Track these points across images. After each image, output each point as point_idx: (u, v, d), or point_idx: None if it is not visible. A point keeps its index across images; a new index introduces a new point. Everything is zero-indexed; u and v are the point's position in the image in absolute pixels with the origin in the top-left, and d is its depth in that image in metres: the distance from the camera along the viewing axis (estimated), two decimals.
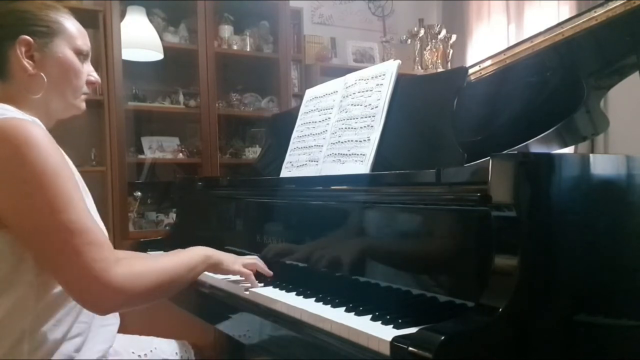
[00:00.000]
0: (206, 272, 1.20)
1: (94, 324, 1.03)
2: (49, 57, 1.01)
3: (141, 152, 2.93)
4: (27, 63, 0.98)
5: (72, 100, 1.06)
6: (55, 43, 1.01)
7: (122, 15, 2.75)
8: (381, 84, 1.28)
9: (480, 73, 1.37)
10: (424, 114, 1.20)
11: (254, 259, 1.21)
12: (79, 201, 0.89)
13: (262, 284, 1.16)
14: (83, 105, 1.10)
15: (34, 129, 0.88)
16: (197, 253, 1.09)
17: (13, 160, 0.85)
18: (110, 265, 0.87)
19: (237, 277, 1.19)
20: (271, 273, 1.20)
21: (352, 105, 1.34)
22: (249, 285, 1.13)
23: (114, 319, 1.11)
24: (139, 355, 1.23)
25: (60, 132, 1.09)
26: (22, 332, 0.91)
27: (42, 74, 0.99)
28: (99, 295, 0.87)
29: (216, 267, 1.13)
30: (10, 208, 0.87)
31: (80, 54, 1.06)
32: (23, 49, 0.98)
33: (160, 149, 2.97)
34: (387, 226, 1.04)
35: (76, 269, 0.85)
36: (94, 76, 1.10)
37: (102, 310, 0.94)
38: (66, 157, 0.97)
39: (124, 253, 1.31)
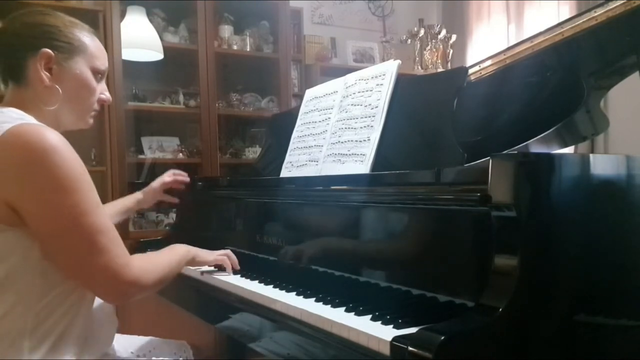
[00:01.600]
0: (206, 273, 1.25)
1: (93, 324, 1.04)
2: (66, 73, 1.03)
3: (141, 152, 2.93)
4: (44, 75, 1.01)
5: (82, 115, 1.10)
6: (75, 60, 1.04)
7: (122, 15, 2.75)
8: (381, 84, 1.28)
9: (480, 73, 1.37)
10: (424, 114, 1.20)
11: (226, 251, 1.32)
12: (99, 203, 0.95)
13: (261, 284, 1.16)
14: (91, 121, 1.13)
15: (54, 135, 0.91)
16: (182, 249, 1.20)
17: (39, 165, 0.88)
18: (128, 260, 0.95)
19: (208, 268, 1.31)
20: (238, 267, 1.30)
21: (352, 105, 1.34)
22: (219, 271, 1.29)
23: (112, 321, 1.11)
24: (138, 356, 1.24)
25: (61, 132, 1.10)
26: (23, 330, 0.92)
27: (57, 86, 1.02)
28: (120, 287, 0.95)
29: (194, 261, 1.23)
30: (37, 211, 0.90)
31: (97, 73, 1.08)
32: (43, 62, 1.00)
33: (160, 149, 2.97)
34: (387, 226, 1.04)
35: (101, 265, 0.92)
36: (106, 95, 1.13)
37: (120, 300, 1.01)
38: None
39: None
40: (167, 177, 1.69)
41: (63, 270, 0.95)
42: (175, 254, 1.16)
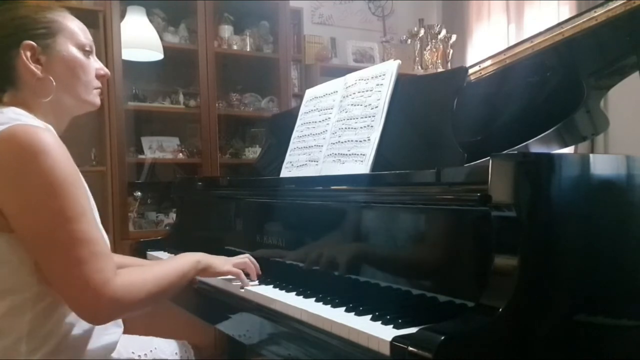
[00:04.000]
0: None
1: (96, 330, 1.03)
2: (54, 58, 1.01)
3: (141, 152, 2.93)
4: (34, 67, 0.99)
5: (84, 96, 1.07)
6: (57, 42, 1.02)
7: (122, 15, 2.75)
8: (381, 84, 1.28)
9: (480, 73, 1.37)
10: (424, 114, 1.20)
11: (244, 258, 1.22)
12: (88, 211, 0.91)
13: (262, 284, 1.16)
14: (97, 100, 1.10)
15: (48, 137, 0.89)
16: (188, 260, 1.11)
17: (27, 167, 0.86)
18: (110, 276, 0.89)
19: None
20: (259, 273, 1.21)
21: (352, 105, 1.34)
22: (240, 283, 1.16)
23: (116, 327, 1.10)
24: (139, 355, 1.24)
25: (70, 119, 1.09)
26: (20, 333, 0.91)
27: (50, 77, 1.00)
28: (96, 306, 0.89)
29: (206, 271, 1.15)
30: (21, 213, 0.88)
31: (83, 49, 1.06)
32: (28, 54, 0.99)
33: (160, 149, 2.97)
34: (387, 226, 1.04)
35: (78, 277, 0.87)
36: (104, 69, 1.11)
37: (97, 320, 0.95)
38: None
39: (120, 258, 1.30)
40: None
41: (45, 276, 0.91)
42: (181, 264, 1.08)
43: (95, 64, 1.09)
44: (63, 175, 0.87)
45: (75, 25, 1.06)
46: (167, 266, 1.07)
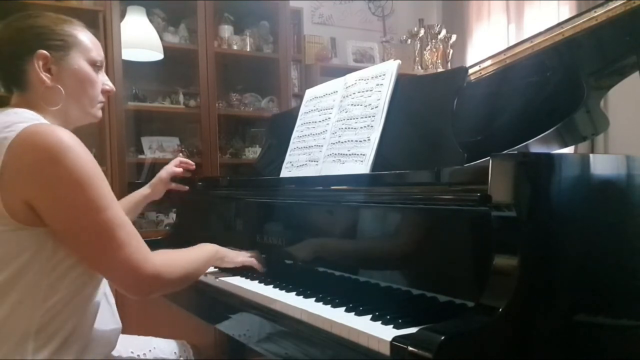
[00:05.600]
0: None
1: (96, 328, 1.04)
2: (65, 70, 1.04)
3: (141, 152, 2.93)
4: (44, 76, 1.02)
5: (89, 109, 1.11)
6: (70, 56, 1.05)
7: (122, 15, 2.75)
8: (381, 84, 1.28)
9: (480, 73, 1.37)
10: (424, 114, 1.20)
11: (254, 252, 1.33)
12: (114, 198, 0.96)
13: (262, 284, 1.16)
14: (99, 113, 1.14)
15: (67, 133, 0.93)
16: (209, 248, 1.22)
17: (55, 164, 0.89)
18: (149, 254, 0.97)
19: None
20: (263, 270, 1.28)
21: (352, 105, 1.34)
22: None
23: (115, 324, 1.12)
24: (138, 355, 1.24)
25: (71, 129, 1.10)
26: (28, 331, 0.92)
27: (59, 86, 1.03)
28: (142, 281, 0.96)
29: (222, 261, 1.25)
30: (56, 210, 0.91)
31: (94, 64, 1.09)
32: (40, 63, 1.02)
33: (160, 149, 2.97)
34: (387, 226, 1.04)
35: (121, 259, 0.93)
36: (109, 85, 1.14)
37: (143, 294, 1.00)
38: None
39: None
40: (174, 165, 1.67)
41: (86, 265, 0.97)
42: (203, 252, 1.17)
43: (102, 79, 1.12)
44: (87, 168, 0.92)
45: (90, 41, 1.09)
46: (195, 251, 1.15)
